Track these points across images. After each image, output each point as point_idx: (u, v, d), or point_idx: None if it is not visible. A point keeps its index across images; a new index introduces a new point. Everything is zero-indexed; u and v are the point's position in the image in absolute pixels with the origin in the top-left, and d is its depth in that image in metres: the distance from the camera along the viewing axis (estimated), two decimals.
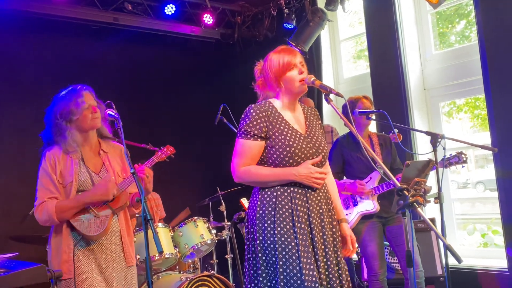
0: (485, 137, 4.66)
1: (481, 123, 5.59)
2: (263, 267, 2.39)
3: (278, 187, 2.42)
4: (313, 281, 2.29)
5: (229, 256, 4.57)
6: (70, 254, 2.60)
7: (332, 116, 5.82)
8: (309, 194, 2.43)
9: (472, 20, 5.10)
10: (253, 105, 2.48)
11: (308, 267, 2.31)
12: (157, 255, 3.73)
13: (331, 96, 2.41)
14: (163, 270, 4.07)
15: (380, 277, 3.62)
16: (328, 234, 2.45)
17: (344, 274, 2.46)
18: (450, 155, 3.50)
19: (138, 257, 3.64)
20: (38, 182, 2.68)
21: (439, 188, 3.33)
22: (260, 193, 2.45)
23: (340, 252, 2.50)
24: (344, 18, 6.13)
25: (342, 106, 3.75)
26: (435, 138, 3.40)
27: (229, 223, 4.53)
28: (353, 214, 3.69)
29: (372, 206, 3.63)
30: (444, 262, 3.57)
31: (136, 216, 3.14)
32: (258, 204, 2.43)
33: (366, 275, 3.93)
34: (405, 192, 2.08)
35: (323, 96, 2.44)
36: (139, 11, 5.72)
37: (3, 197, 4.72)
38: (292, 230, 2.36)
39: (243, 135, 2.44)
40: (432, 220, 4.38)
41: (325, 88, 2.39)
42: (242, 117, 2.49)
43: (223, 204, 4.64)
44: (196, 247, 4.03)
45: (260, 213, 2.41)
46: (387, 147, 3.83)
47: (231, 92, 5.76)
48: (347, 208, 3.74)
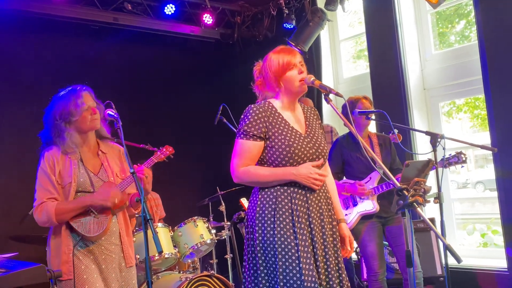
0: (485, 137, 4.66)
1: (481, 123, 5.59)
2: (262, 267, 2.39)
3: (278, 187, 2.42)
4: (313, 282, 2.29)
5: (229, 256, 4.57)
6: (70, 255, 2.60)
7: (332, 116, 5.82)
8: (309, 194, 2.43)
9: (472, 20, 5.10)
10: (253, 106, 2.48)
11: (308, 267, 2.31)
12: (157, 255, 3.73)
13: (331, 96, 2.41)
14: (163, 270, 4.06)
15: (380, 277, 3.62)
16: (328, 235, 2.45)
17: (344, 274, 2.46)
18: (450, 155, 3.50)
19: (138, 257, 3.64)
20: (37, 183, 2.67)
21: (439, 188, 3.33)
22: (260, 193, 2.45)
23: (340, 253, 2.50)
24: (344, 18, 6.13)
25: (342, 106, 3.75)
26: (435, 138, 3.41)
27: (229, 223, 4.53)
28: (353, 214, 3.69)
29: (372, 206, 3.63)
30: (444, 262, 3.57)
31: (136, 216, 3.14)
32: (258, 204, 2.43)
33: (366, 275, 3.93)
34: (405, 192, 2.08)
35: (323, 96, 2.43)
36: (139, 11, 5.72)
37: (3, 197, 4.72)
38: (292, 230, 2.36)
39: (243, 136, 2.44)
40: (432, 220, 4.37)
41: (325, 88, 2.39)
42: (242, 118, 2.49)
43: (223, 204, 4.64)
44: (196, 247, 4.03)
45: (260, 213, 2.41)
46: (387, 147, 3.83)
47: (231, 92, 5.75)
48: (347, 208, 3.74)
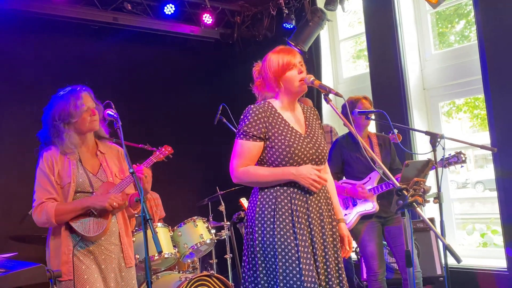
0: (485, 137, 4.66)
1: (481, 123, 5.59)
2: (262, 268, 2.39)
3: (278, 188, 2.41)
4: (313, 282, 2.29)
5: (229, 256, 4.57)
6: (70, 255, 2.59)
7: (332, 116, 5.82)
8: (309, 195, 2.42)
9: (472, 20, 5.10)
10: (252, 106, 2.48)
11: (308, 268, 2.31)
12: (157, 255, 3.73)
13: (330, 96, 2.40)
14: (163, 270, 4.07)
15: (379, 277, 3.62)
16: (328, 235, 2.45)
17: (344, 275, 2.46)
18: (449, 155, 3.50)
19: (138, 257, 3.64)
20: (36, 183, 2.66)
21: (439, 188, 3.33)
22: (260, 194, 2.45)
23: (340, 253, 2.50)
24: (344, 18, 6.13)
25: (342, 106, 3.75)
26: (435, 138, 3.41)
27: (229, 223, 4.52)
28: (353, 214, 3.69)
29: (372, 206, 3.63)
30: (444, 262, 3.57)
31: (136, 216, 3.13)
32: (258, 205, 2.43)
33: (365, 275, 3.93)
34: (405, 192, 2.08)
35: (322, 96, 2.43)
36: (139, 11, 5.72)
37: (3, 197, 4.72)
38: (292, 231, 2.35)
39: (242, 136, 2.44)
40: (432, 220, 4.38)
41: (325, 88, 2.39)
42: (241, 118, 2.49)
43: (223, 204, 4.64)
44: (196, 247, 4.03)
45: (260, 214, 2.41)
46: (386, 147, 3.83)
47: (231, 92, 5.75)
48: (347, 208, 3.74)
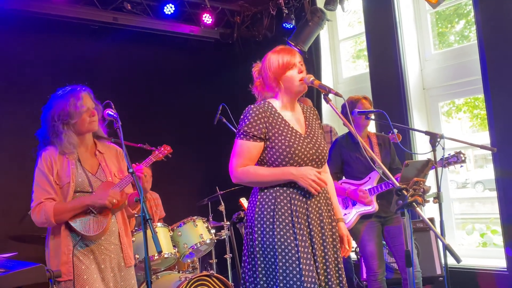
0: (484, 137, 4.66)
1: (480, 123, 5.59)
2: (261, 268, 2.39)
3: (277, 188, 2.41)
4: (313, 282, 2.29)
5: (228, 256, 4.57)
6: (70, 255, 2.58)
7: (331, 116, 5.82)
8: (309, 195, 2.42)
9: (472, 20, 5.10)
10: (252, 106, 2.47)
11: (308, 268, 2.31)
12: (156, 255, 3.73)
13: (330, 96, 2.40)
14: (162, 270, 4.06)
15: (379, 277, 3.62)
16: (328, 235, 2.45)
17: (344, 275, 2.46)
18: (449, 155, 3.50)
19: (137, 257, 3.64)
20: (34, 183, 2.65)
21: (438, 188, 3.33)
22: (260, 194, 2.44)
23: (340, 253, 2.50)
24: (344, 18, 6.13)
25: (341, 106, 3.75)
26: (434, 138, 3.41)
27: (228, 223, 4.52)
28: (352, 214, 3.69)
29: (371, 206, 3.63)
30: (443, 262, 3.57)
31: (135, 216, 3.13)
32: (257, 205, 2.43)
33: (365, 275, 3.93)
34: (404, 192, 2.08)
35: (322, 96, 2.43)
36: (139, 11, 5.72)
37: (3, 197, 4.71)
38: (292, 231, 2.35)
39: (242, 136, 2.44)
40: (431, 220, 4.38)
41: (324, 88, 2.39)
42: (241, 118, 2.49)
43: (222, 204, 4.64)
44: (195, 247, 4.03)
45: (259, 214, 2.41)
46: (386, 147, 3.83)
47: (231, 92, 5.75)
48: (346, 208, 3.74)
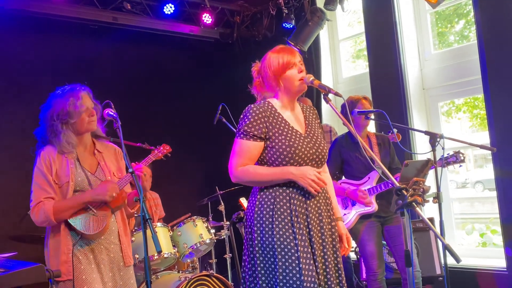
0: (484, 137, 4.66)
1: (480, 123, 5.59)
2: (260, 268, 2.39)
3: (277, 188, 2.41)
4: (312, 282, 2.29)
5: (228, 256, 4.57)
6: (69, 255, 2.57)
7: (331, 116, 5.82)
8: (308, 195, 2.42)
9: (471, 20, 5.10)
10: (252, 105, 2.47)
11: (307, 268, 2.31)
12: (156, 255, 3.72)
13: (330, 96, 2.40)
14: (162, 270, 4.06)
15: (379, 277, 3.62)
16: (327, 235, 2.45)
17: (343, 274, 2.46)
18: (448, 155, 3.50)
19: (137, 257, 3.64)
20: (33, 182, 2.63)
21: (438, 188, 3.33)
22: (259, 194, 2.44)
23: (340, 253, 2.50)
24: (343, 18, 6.13)
25: (341, 106, 3.75)
26: (434, 138, 3.41)
27: (228, 223, 4.53)
28: (352, 214, 3.69)
29: (370, 206, 3.63)
30: (443, 262, 3.57)
31: (135, 216, 3.13)
32: (257, 205, 2.43)
33: (365, 275, 3.93)
34: (404, 192, 2.08)
35: (322, 96, 2.43)
36: (138, 11, 5.71)
37: (2, 197, 4.71)
38: (291, 231, 2.35)
39: (242, 135, 2.43)
40: (431, 220, 4.38)
41: (324, 88, 2.39)
42: (241, 117, 2.48)
43: (222, 204, 4.64)
44: (195, 247, 4.03)
45: (259, 214, 2.41)
46: (386, 147, 3.83)
47: (230, 92, 5.74)
48: (346, 208, 3.74)
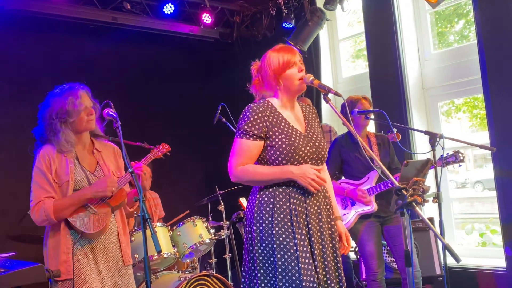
0: (484, 137, 4.66)
1: (480, 123, 5.60)
2: (259, 267, 2.39)
3: (277, 187, 2.41)
4: (311, 281, 2.29)
5: (228, 256, 4.57)
6: (69, 254, 2.57)
7: (331, 116, 5.82)
8: (308, 194, 2.42)
9: (471, 20, 5.10)
10: (252, 105, 2.47)
11: (307, 267, 2.31)
12: (156, 255, 3.72)
13: (330, 96, 2.40)
14: (162, 270, 4.06)
15: (378, 277, 3.62)
16: (326, 234, 2.45)
17: (343, 274, 2.46)
18: (447, 154, 3.50)
19: (137, 257, 3.63)
20: (33, 182, 2.62)
21: (438, 188, 3.33)
22: (259, 193, 2.44)
23: (339, 252, 2.50)
24: (343, 18, 6.13)
25: (341, 106, 3.75)
26: (434, 138, 3.41)
27: (228, 223, 4.52)
28: (351, 214, 3.69)
29: (370, 206, 3.63)
30: (443, 262, 3.57)
31: (135, 216, 3.12)
32: (256, 204, 2.43)
33: (365, 275, 3.93)
34: (404, 192, 2.08)
35: (322, 96, 2.43)
36: (138, 10, 5.71)
37: (2, 197, 4.71)
38: (291, 230, 2.35)
39: (242, 135, 2.43)
40: (431, 220, 4.37)
41: (324, 88, 2.39)
42: (241, 117, 2.48)
43: (222, 204, 4.64)
44: (195, 247, 4.03)
45: (258, 213, 2.41)
46: (385, 147, 3.83)
47: (230, 92, 5.74)
48: (345, 208, 3.74)
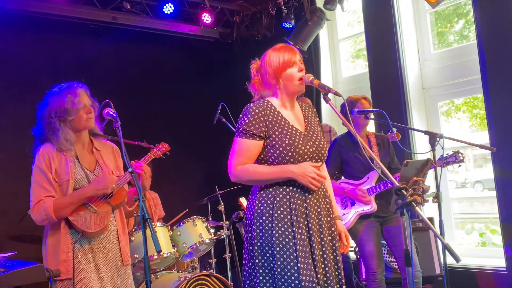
0: (484, 137, 4.67)
1: (480, 123, 5.60)
2: (259, 267, 2.39)
3: (277, 187, 2.41)
4: (311, 281, 2.29)
5: (228, 256, 4.56)
6: (69, 254, 2.56)
7: (331, 116, 5.82)
8: (308, 194, 2.42)
9: (471, 20, 5.10)
10: (252, 104, 2.47)
11: (306, 267, 2.31)
12: (156, 255, 3.72)
13: (330, 96, 2.40)
14: (162, 270, 4.06)
15: (378, 277, 3.62)
16: (326, 234, 2.45)
17: (343, 274, 2.46)
18: (447, 154, 3.50)
19: (137, 257, 3.63)
20: (33, 180, 2.60)
21: (438, 188, 3.33)
22: (259, 193, 2.44)
23: (339, 252, 2.50)
24: (343, 18, 6.13)
25: (341, 106, 3.75)
26: (434, 138, 3.41)
27: (228, 223, 4.52)
28: (351, 214, 3.69)
29: (370, 206, 3.63)
30: (443, 262, 3.58)
31: (135, 215, 3.12)
32: (256, 204, 2.43)
33: (364, 275, 3.93)
34: (404, 192, 2.08)
35: (322, 96, 2.43)
36: (138, 10, 5.71)
37: (2, 197, 4.71)
38: (290, 230, 2.35)
39: (242, 134, 2.43)
40: (431, 220, 4.37)
41: (324, 88, 2.39)
42: (241, 116, 2.48)
43: (222, 203, 4.64)
44: (195, 247, 4.03)
45: (258, 213, 2.41)
46: (385, 147, 3.83)
47: (230, 92, 5.74)
48: (345, 208, 3.74)
